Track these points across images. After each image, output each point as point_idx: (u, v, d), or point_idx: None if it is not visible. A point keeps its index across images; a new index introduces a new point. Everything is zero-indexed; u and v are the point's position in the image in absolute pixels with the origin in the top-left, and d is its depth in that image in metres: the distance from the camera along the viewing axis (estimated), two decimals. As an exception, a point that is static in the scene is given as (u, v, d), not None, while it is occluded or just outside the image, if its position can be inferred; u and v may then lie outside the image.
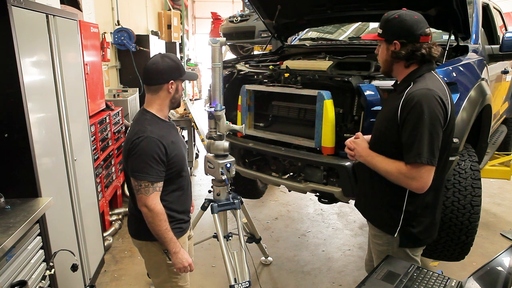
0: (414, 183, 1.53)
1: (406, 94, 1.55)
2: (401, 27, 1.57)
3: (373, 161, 1.65)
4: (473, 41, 2.83)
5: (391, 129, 1.59)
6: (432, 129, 1.49)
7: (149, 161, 1.68)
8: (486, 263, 1.30)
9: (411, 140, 1.51)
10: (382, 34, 1.64)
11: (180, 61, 1.84)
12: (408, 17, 1.57)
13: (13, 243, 1.52)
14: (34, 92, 1.90)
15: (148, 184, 1.70)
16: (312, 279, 2.95)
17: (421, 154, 1.48)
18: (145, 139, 1.68)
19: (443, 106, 1.51)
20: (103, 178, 3.30)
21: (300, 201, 4.39)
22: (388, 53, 1.64)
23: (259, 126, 2.82)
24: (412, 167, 1.51)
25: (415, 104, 1.49)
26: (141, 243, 1.88)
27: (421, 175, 1.51)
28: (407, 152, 1.52)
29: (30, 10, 1.92)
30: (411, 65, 1.61)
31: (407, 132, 1.52)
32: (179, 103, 1.89)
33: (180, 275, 1.91)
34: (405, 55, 1.58)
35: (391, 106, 1.63)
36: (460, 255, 2.41)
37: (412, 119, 1.50)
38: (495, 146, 3.69)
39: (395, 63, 1.64)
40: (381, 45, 1.68)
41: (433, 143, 1.49)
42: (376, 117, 1.82)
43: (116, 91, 4.74)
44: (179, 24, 8.48)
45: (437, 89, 1.53)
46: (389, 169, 1.58)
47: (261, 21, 3.46)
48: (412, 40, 1.56)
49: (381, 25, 1.65)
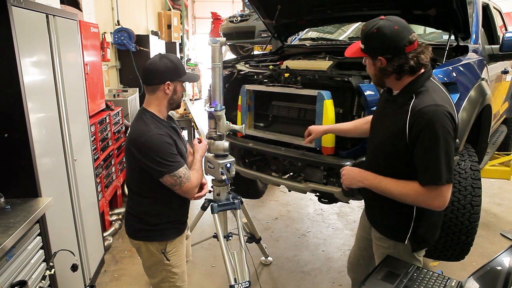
0: (436, 203, 1.46)
1: (413, 110, 1.45)
2: (382, 42, 1.45)
3: (382, 185, 1.56)
4: (473, 41, 2.83)
5: (399, 147, 1.51)
6: (448, 148, 1.42)
7: (169, 152, 1.71)
8: (486, 263, 1.30)
9: (427, 162, 1.44)
10: (365, 50, 1.54)
11: (180, 62, 1.84)
12: (388, 29, 1.44)
13: (13, 243, 1.52)
14: (34, 92, 1.90)
15: (184, 171, 1.74)
16: (312, 279, 2.95)
17: (440, 175, 1.41)
18: (153, 136, 1.69)
19: (452, 121, 1.45)
20: (103, 178, 3.30)
21: (300, 201, 4.39)
22: (375, 68, 1.54)
23: (259, 126, 2.82)
24: (431, 188, 1.44)
25: (427, 124, 1.41)
26: (139, 243, 1.87)
27: (442, 194, 1.44)
28: (423, 173, 1.45)
29: (30, 10, 1.92)
30: (403, 77, 1.51)
31: (421, 153, 1.45)
32: (178, 104, 1.89)
33: (178, 275, 1.91)
34: (393, 71, 1.49)
35: (393, 120, 1.55)
36: (460, 255, 2.41)
37: (426, 140, 1.42)
38: (495, 146, 3.69)
39: (385, 78, 1.55)
40: (366, 59, 1.59)
41: (450, 162, 1.43)
42: (373, 128, 1.75)
43: (116, 91, 4.74)
44: (179, 24, 8.49)
45: (445, 102, 1.45)
46: (405, 192, 1.50)
47: (261, 21, 3.45)
48: (397, 53, 1.45)
49: (362, 39, 1.54)
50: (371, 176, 1.62)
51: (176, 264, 1.90)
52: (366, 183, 1.62)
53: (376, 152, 1.69)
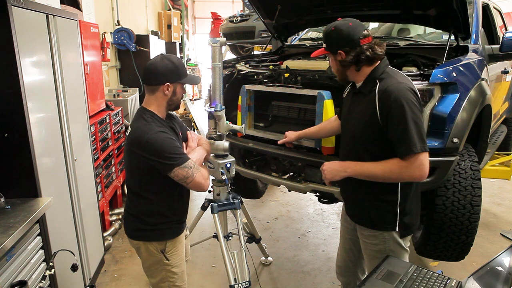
0: (417, 173, 1.57)
1: (379, 92, 1.61)
2: (339, 37, 1.66)
3: (365, 169, 1.66)
4: (473, 41, 2.83)
5: (374, 132, 1.63)
6: (416, 118, 1.56)
7: (174, 146, 1.72)
8: (486, 263, 1.30)
9: (400, 134, 1.56)
10: (327, 48, 1.73)
11: (181, 64, 1.84)
12: (344, 26, 1.66)
13: (13, 243, 1.52)
14: (34, 92, 1.90)
15: (193, 163, 1.75)
16: (312, 279, 2.95)
17: (415, 144, 1.53)
18: (156, 134, 1.70)
19: (416, 95, 1.61)
20: (103, 178, 3.30)
21: (300, 201, 4.39)
22: (337, 63, 1.72)
23: (259, 126, 2.82)
24: (411, 159, 1.55)
25: (394, 100, 1.56)
26: (138, 243, 1.87)
27: (421, 163, 1.55)
28: (400, 146, 1.57)
29: (30, 10, 1.92)
30: (362, 68, 1.68)
31: (394, 128, 1.57)
32: (177, 105, 1.89)
33: (177, 275, 1.91)
34: (351, 61, 1.67)
35: (363, 108, 1.68)
36: (460, 255, 2.41)
37: (395, 114, 1.55)
38: (495, 146, 3.69)
39: (346, 70, 1.72)
40: (329, 57, 1.76)
41: (420, 131, 1.56)
42: (344, 124, 1.88)
43: (116, 91, 4.74)
44: (179, 24, 8.49)
45: (406, 80, 1.64)
46: (388, 169, 1.60)
47: (261, 21, 3.45)
48: (353, 46, 1.64)
49: (324, 39, 1.74)
50: (351, 163, 1.72)
51: (176, 263, 1.90)
52: (349, 171, 1.71)
53: (352, 145, 1.77)
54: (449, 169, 2.12)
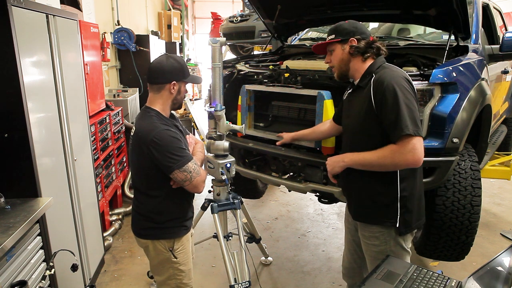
0: (410, 156, 1.55)
1: (374, 83, 1.65)
2: (354, 27, 1.75)
3: (361, 157, 1.69)
4: (473, 41, 2.83)
5: (370, 121, 1.66)
6: (408, 102, 1.57)
7: (177, 146, 1.73)
8: (486, 263, 1.30)
9: (393, 118, 1.57)
10: (337, 37, 1.77)
11: (185, 63, 1.86)
12: (357, 22, 1.77)
13: (13, 243, 1.52)
14: (34, 92, 1.90)
15: (193, 166, 1.76)
16: (312, 279, 2.95)
17: (406, 126, 1.54)
18: (161, 132, 1.71)
19: (409, 83, 1.63)
20: (103, 178, 3.30)
21: (300, 201, 4.39)
22: (344, 52, 1.76)
23: (259, 126, 2.82)
24: (403, 142, 1.55)
25: (386, 86, 1.59)
26: (146, 242, 1.88)
27: (414, 146, 1.54)
28: (393, 131, 1.58)
29: (30, 10, 1.92)
30: (367, 59, 1.74)
31: (387, 113, 1.59)
32: (180, 104, 1.92)
33: (185, 273, 1.92)
34: (364, 48, 1.72)
35: (360, 102, 1.71)
36: (460, 255, 2.41)
37: (388, 99, 1.58)
38: (495, 146, 3.69)
39: (352, 59, 1.75)
40: (334, 50, 1.80)
41: (413, 115, 1.56)
42: (344, 121, 1.90)
43: (116, 91, 4.74)
44: (179, 24, 8.49)
45: (400, 71, 1.67)
46: (381, 155, 1.61)
47: (261, 21, 3.45)
48: (365, 37, 1.74)
49: (332, 32, 1.80)
50: (349, 154, 1.76)
51: (183, 261, 1.91)
52: (346, 160, 1.75)
53: (352, 137, 1.80)
54: (449, 169, 2.12)
